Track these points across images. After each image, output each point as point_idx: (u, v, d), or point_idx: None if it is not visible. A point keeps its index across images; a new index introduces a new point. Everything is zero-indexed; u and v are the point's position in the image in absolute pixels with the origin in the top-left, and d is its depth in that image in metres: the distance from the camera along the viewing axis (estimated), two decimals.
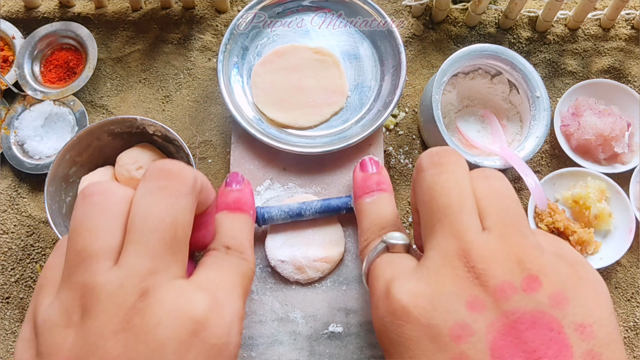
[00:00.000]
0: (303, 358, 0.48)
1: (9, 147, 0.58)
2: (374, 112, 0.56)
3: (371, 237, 0.42)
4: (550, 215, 0.57)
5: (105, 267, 0.28)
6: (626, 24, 0.67)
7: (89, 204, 0.30)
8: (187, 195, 0.31)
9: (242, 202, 0.43)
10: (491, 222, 0.32)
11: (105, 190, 0.30)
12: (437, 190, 0.34)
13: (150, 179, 0.31)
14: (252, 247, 0.41)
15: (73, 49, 0.62)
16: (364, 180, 0.47)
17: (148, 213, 0.29)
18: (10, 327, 0.55)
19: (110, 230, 0.29)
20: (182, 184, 0.31)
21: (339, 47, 0.58)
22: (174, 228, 0.30)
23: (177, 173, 0.31)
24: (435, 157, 0.35)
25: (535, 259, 0.30)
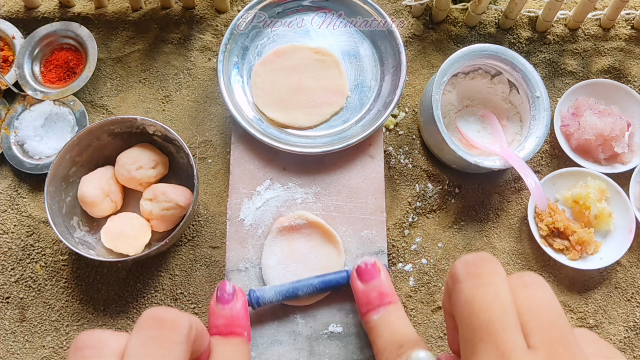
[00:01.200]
0: (303, 358, 0.48)
1: (9, 147, 0.58)
2: (374, 112, 0.56)
3: (390, 358, 0.40)
4: (550, 215, 0.57)
5: None
6: (626, 24, 0.67)
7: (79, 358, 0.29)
8: (180, 344, 0.30)
9: (235, 324, 0.41)
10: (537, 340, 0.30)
11: (98, 343, 0.29)
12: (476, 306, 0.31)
13: (142, 328, 0.30)
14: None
15: (73, 49, 0.62)
16: (365, 294, 0.45)
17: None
18: (10, 327, 0.55)
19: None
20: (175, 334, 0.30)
21: (339, 47, 0.58)
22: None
23: (170, 322, 0.30)
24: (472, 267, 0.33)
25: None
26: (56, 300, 0.55)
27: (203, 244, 0.57)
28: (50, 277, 0.56)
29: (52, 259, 0.56)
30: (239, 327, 0.41)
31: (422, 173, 0.60)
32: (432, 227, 0.58)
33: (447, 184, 0.59)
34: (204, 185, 0.59)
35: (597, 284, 0.58)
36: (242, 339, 0.41)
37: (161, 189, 0.53)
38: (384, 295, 0.45)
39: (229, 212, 0.53)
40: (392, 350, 0.40)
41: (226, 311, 0.42)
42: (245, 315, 0.43)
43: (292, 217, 0.52)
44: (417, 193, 0.59)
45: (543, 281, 0.33)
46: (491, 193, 0.60)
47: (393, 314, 0.44)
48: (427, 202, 0.59)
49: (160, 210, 0.53)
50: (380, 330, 0.43)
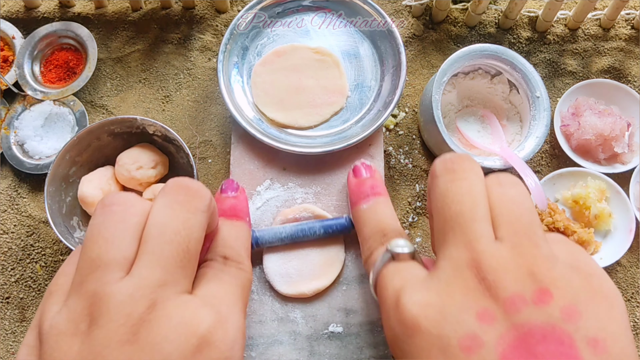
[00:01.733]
0: (303, 358, 0.48)
1: (9, 147, 0.58)
2: (374, 112, 0.56)
3: (374, 245, 0.42)
4: (550, 215, 0.57)
5: (117, 277, 0.29)
6: (626, 24, 0.67)
7: (108, 213, 0.30)
8: (202, 212, 0.32)
9: (239, 209, 0.43)
10: (504, 232, 0.32)
11: (125, 201, 0.31)
12: (449, 197, 0.33)
13: (169, 193, 0.32)
14: (249, 255, 0.41)
15: (73, 49, 0.62)
16: (357, 186, 0.47)
17: (165, 224, 0.30)
18: (10, 327, 0.55)
19: (126, 240, 0.29)
20: (199, 201, 0.32)
21: (339, 47, 0.58)
22: (187, 242, 0.30)
23: (195, 190, 0.32)
24: (449, 163, 0.35)
25: (547, 271, 0.30)
26: None
27: None
28: (50, 277, 0.56)
29: (52, 259, 0.56)
30: (242, 212, 0.43)
31: (422, 173, 0.60)
32: None
33: None
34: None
35: None
36: (244, 222, 0.43)
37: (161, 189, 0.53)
38: (375, 186, 0.47)
39: None
40: (376, 238, 0.42)
41: (230, 199, 0.44)
42: (247, 206, 0.45)
43: (297, 209, 0.52)
44: (417, 193, 0.59)
45: (518, 182, 0.34)
46: None
47: (381, 205, 0.45)
48: None
49: None
50: (368, 219, 0.44)
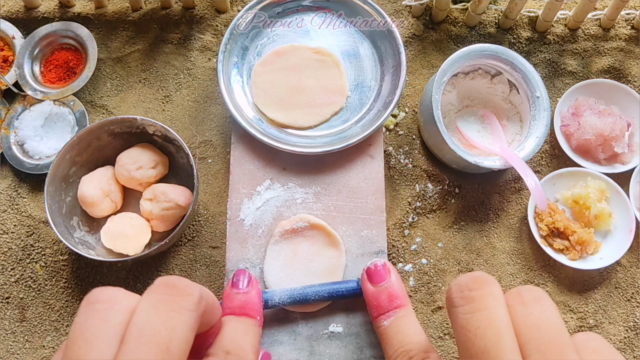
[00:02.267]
0: (303, 358, 0.48)
1: (9, 147, 0.58)
2: (374, 112, 0.56)
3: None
4: (550, 215, 0.57)
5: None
6: (626, 24, 0.67)
7: (91, 311, 0.29)
8: (189, 312, 0.30)
9: (249, 307, 0.41)
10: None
11: (110, 299, 0.29)
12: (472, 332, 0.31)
13: (154, 292, 0.30)
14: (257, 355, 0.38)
15: (73, 49, 0.62)
16: (375, 297, 0.45)
17: (144, 324, 0.28)
18: (10, 327, 0.55)
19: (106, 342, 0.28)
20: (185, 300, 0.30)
21: (339, 47, 0.58)
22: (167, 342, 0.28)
23: (182, 289, 0.30)
24: (466, 290, 0.32)
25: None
26: (56, 300, 0.55)
27: (203, 244, 0.57)
28: (50, 277, 0.56)
29: (52, 259, 0.56)
30: (252, 310, 0.41)
31: (422, 173, 0.60)
32: (432, 227, 0.58)
33: (447, 184, 0.59)
34: (204, 185, 0.59)
35: (597, 284, 0.58)
36: (255, 321, 0.41)
37: (161, 189, 0.53)
38: (393, 297, 0.44)
39: (229, 212, 0.53)
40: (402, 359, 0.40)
41: (241, 296, 0.42)
42: (259, 302, 0.43)
43: (294, 220, 0.51)
44: (417, 193, 0.59)
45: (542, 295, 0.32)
46: (491, 193, 0.60)
47: (403, 319, 0.43)
48: (427, 202, 0.59)
49: (160, 210, 0.53)
50: (390, 337, 0.42)
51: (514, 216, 0.59)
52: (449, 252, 0.58)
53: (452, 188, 0.59)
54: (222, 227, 0.57)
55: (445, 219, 0.59)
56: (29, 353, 0.54)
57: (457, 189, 0.59)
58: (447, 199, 0.59)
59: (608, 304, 0.57)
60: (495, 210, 0.59)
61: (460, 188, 0.60)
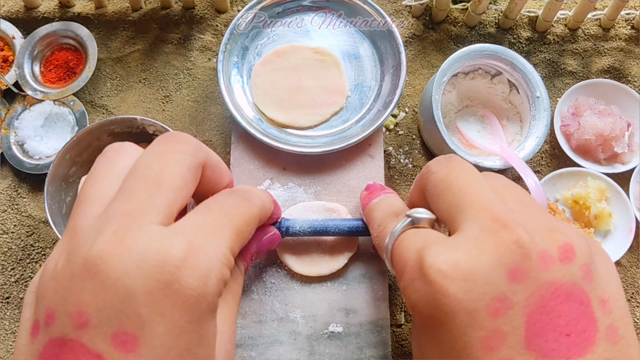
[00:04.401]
0: (303, 358, 0.48)
1: (9, 147, 0.58)
2: (374, 112, 0.56)
3: (385, 222, 0.40)
4: None
5: (92, 211, 0.30)
6: (626, 24, 0.67)
7: (101, 157, 0.33)
8: (183, 154, 0.32)
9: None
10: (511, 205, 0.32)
11: (119, 148, 0.33)
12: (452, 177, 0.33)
13: (155, 141, 0.33)
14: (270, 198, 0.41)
15: (73, 49, 0.62)
16: (367, 191, 0.47)
17: (141, 162, 0.31)
18: (10, 327, 0.55)
19: (109, 180, 0.31)
20: (181, 144, 0.32)
21: (339, 47, 0.58)
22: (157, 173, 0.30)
23: (180, 137, 0.33)
24: (443, 159, 0.36)
25: (564, 229, 0.30)
26: None
27: None
28: None
29: None
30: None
31: None
32: None
33: None
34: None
35: None
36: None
37: None
38: (384, 188, 0.46)
39: None
40: (388, 219, 0.40)
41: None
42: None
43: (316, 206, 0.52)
44: None
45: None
46: None
47: (392, 198, 0.44)
48: None
49: None
50: (379, 207, 0.43)
51: None
52: None
53: None
54: None
55: None
56: None
57: None
58: None
59: None
60: None
61: None
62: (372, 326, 0.49)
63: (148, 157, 0.31)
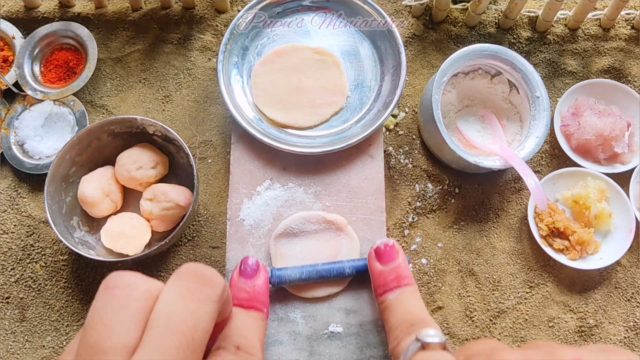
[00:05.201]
0: (303, 358, 0.48)
1: (9, 147, 0.58)
2: (374, 112, 0.56)
3: (401, 335, 0.41)
4: (550, 215, 0.57)
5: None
6: (626, 24, 0.67)
7: (109, 296, 0.29)
8: (213, 303, 0.31)
9: (256, 299, 0.42)
10: None
11: (129, 285, 0.29)
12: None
13: (181, 280, 0.31)
14: (263, 348, 0.40)
15: (73, 49, 0.62)
16: (382, 275, 0.45)
17: (172, 313, 0.29)
18: (10, 327, 0.55)
19: (127, 328, 0.28)
20: (212, 290, 0.31)
21: (339, 47, 0.58)
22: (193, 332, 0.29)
23: (209, 278, 0.31)
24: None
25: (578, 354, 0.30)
26: (56, 300, 0.55)
27: (203, 244, 0.57)
28: (50, 277, 0.56)
29: (52, 259, 0.56)
30: (259, 302, 0.42)
31: (422, 173, 0.60)
32: (432, 227, 0.58)
33: (447, 184, 0.59)
34: (204, 185, 0.59)
35: (597, 284, 0.58)
36: (262, 315, 0.41)
37: (161, 189, 0.53)
38: (401, 277, 0.45)
39: (229, 212, 0.53)
40: (403, 328, 0.41)
41: (248, 285, 0.42)
42: (266, 292, 0.43)
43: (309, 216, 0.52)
44: (417, 193, 0.59)
45: None
46: (491, 193, 0.60)
47: (408, 295, 0.44)
48: (427, 202, 0.59)
49: (160, 210, 0.53)
50: (394, 309, 0.43)
51: (514, 216, 0.59)
52: (449, 252, 0.58)
53: (452, 188, 0.59)
54: (222, 227, 0.57)
55: (445, 219, 0.59)
56: (29, 353, 0.54)
57: (457, 189, 0.59)
58: (447, 199, 0.59)
59: (608, 304, 0.57)
60: (495, 210, 0.59)
61: (460, 188, 0.60)
62: (372, 326, 0.49)
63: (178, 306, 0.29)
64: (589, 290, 0.58)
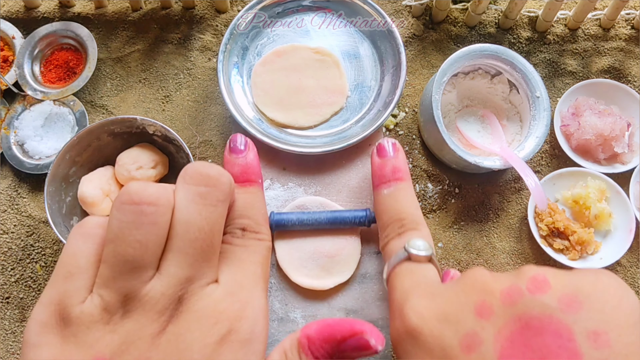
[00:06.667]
0: None
1: (9, 147, 0.58)
2: (374, 112, 0.56)
3: (391, 234, 0.42)
4: (550, 215, 0.57)
5: (149, 275, 0.30)
6: (626, 24, 0.67)
7: (139, 213, 0.30)
8: (223, 202, 0.32)
9: (250, 171, 0.42)
10: None
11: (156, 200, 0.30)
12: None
13: (190, 183, 0.32)
14: (267, 220, 0.41)
15: (73, 49, 0.62)
16: (380, 167, 0.46)
17: (189, 222, 0.31)
18: (10, 327, 0.55)
19: (159, 242, 0.30)
20: (220, 191, 0.32)
21: (339, 47, 0.58)
22: (211, 237, 0.31)
23: (216, 179, 0.32)
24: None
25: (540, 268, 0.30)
26: None
27: None
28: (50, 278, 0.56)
29: (52, 259, 0.56)
30: (253, 174, 0.42)
31: (422, 173, 0.60)
32: (432, 227, 0.58)
33: (447, 184, 0.59)
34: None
35: None
36: (258, 186, 0.42)
37: None
38: (397, 170, 0.46)
39: None
40: (394, 227, 0.42)
41: (240, 160, 0.43)
42: (258, 164, 0.44)
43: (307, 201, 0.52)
44: (417, 193, 0.59)
45: None
46: (491, 193, 0.60)
47: (402, 191, 0.45)
48: (427, 202, 0.59)
49: None
50: (388, 205, 0.44)
51: (514, 216, 0.59)
52: (449, 252, 0.58)
53: (452, 188, 0.59)
54: None
55: (445, 219, 0.59)
56: None
57: (457, 189, 0.59)
58: (447, 199, 0.59)
59: None
60: (495, 210, 0.59)
61: (460, 188, 0.60)
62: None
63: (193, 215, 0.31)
64: None
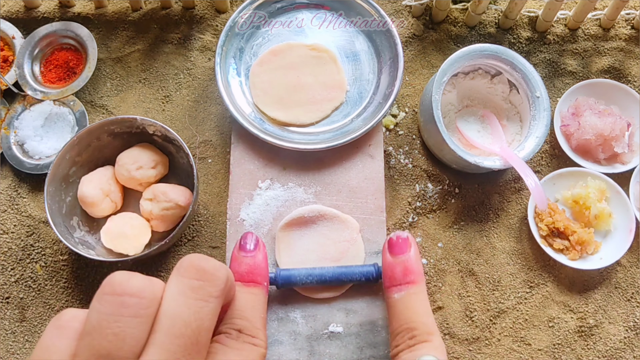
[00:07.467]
0: (303, 358, 0.48)
1: (9, 147, 0.58)
2: (374, 105, 0.56)
3: (402, 344, 0.41)
4: (550, 215, 0.57)
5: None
6: (626, 24, 0.67)
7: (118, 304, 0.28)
8: (216, 298, 0.31)
9: (257, 272, 0.42)
10: None
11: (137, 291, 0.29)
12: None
13: (183, 276, 0.30)
14: (265, 325, 0.39)
15: (73, 49, 0.62)
16: (390, 268, 0.45)
17: (176, 315, 0.29)
18: (10, 327, 0.55)
19: (138, 336, 0.28)
20: (214, 286, 0.31)
21: (335, 43, 0.58)
22: (197, 334, 0.29)
23: (210, 274, 0.31)
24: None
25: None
26: (56, 300, 0.55)
27: (203, 244, 0.57)
28: (50, 277, 0.56)
29: (52, 259, 0.56)
30: (259, 276, 0.42)
31: (422, 173, 0.60)
32: (432, 227, 0.58)
33: (447, 184, 0.59)
34: (204, 185, 0.59)
35: (597, 284, 0.58)
36: (262, 288, 0.42)
37: (161, 189, 0.53)
38: (408, 272, 0.44)
39: (229, 212, 0.53)
40: (404, 336, 0.41)
41: (248, 260, 0.43)
42: (266, 266, 0.43)
43: (306, 210, 0.52)
44: (417, 193, 0.59)
45: None
46: (491, 193, 0.60)
47: (413, 296, 0.43)
48: (427, 202, 0.59)
49: (160, 210, 0.53)
50: (398, 312, 0.43)
51: (514, 216, 0.59)
52: (449, 252, 0.58)
53: (452, 188, 0.59)
54: (222, 227, 0.57)
55: (445, 219, 0.59)
56: (29, 353, 0.54)
57: (457, 189, 0.59)
58: (447, 199, 0.59)
59: (608, 304, 0.57)
60: (495, 210, 0.59)
61: (460, 188, 0.60)
62: (372, 326, 0.49)
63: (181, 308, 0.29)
64: (589, 290, 0.58)
